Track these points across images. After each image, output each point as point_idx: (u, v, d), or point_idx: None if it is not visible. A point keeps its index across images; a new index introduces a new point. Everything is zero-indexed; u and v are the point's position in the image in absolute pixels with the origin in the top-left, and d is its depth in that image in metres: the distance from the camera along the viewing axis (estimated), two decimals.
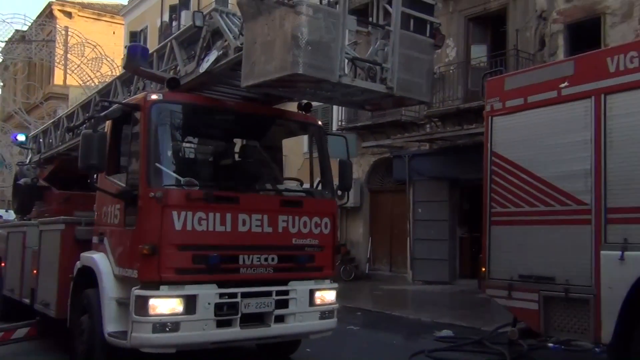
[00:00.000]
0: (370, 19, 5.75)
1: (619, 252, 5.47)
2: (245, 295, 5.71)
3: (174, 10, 26.47)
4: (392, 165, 17.46)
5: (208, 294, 5.51)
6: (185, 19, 22.81)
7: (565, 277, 5.99)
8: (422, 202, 16.59)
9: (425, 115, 15.96)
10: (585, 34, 12.97)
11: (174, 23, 25.76)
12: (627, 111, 5.58)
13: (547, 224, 6.26)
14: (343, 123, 18.39)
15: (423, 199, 16.58)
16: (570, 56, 12.86)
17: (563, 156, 6.15)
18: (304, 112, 6.99)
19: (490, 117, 7.02)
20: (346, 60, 5.34)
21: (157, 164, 5.60)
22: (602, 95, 5.82)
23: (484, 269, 6.95)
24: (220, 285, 5.62)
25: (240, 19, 5.70)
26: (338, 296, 6.63)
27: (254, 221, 5.88)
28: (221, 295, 5.58)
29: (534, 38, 14.07)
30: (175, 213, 5.44)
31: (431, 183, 16.25)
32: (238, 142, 7.31)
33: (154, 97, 5.87)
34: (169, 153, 6.00)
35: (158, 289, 5.35)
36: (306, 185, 7.14)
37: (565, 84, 6.17)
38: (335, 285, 6.64)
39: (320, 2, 5.44)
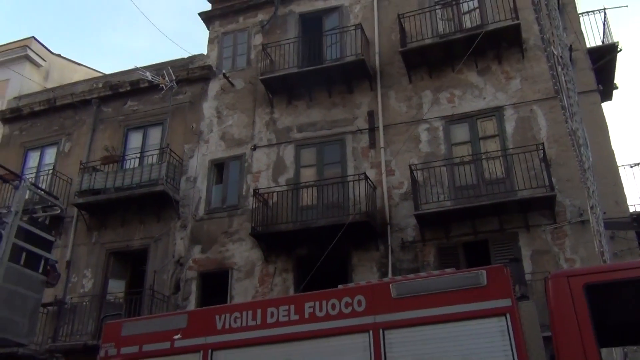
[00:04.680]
0: None
1: None
2: None
3: None
4: None
5: None
6: None
7: None
8: None
9: (47, 350, 14.36)
10: (216, 284, 14.13)
11: None
12: None
13: None
14: None
15: None
16: (201, 302, 13.74)
17: None
18: None
19: None
20: None
21: None
22: (209, 351, 6.12)
23: None
24: None
25: None
26: None
27: None
28: None
29: (170, 281, 14.66)
30: None
31: None
32: None
33: None
34: None
35: None
36: None
37: (178, 336, 6.35)
38: None
39: None
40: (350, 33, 15.11)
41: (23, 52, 19.68)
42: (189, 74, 16.78)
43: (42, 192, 5.68)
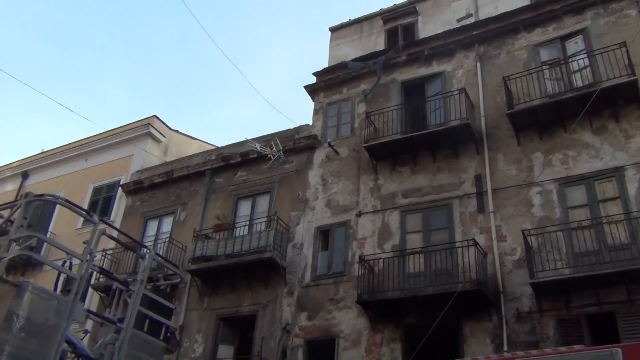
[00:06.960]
0: (108, 310, 5.55)
1: None
2: None
3: None
4: None
5: None
6: None
7: None
8: None
9: None
10: (322, 352, 13.95)
11: None
12: None
13: None
14: None
15: None
16: None
17: None
18: None
19: None
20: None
21: None
22: None
23: None
24: None
25: None
26: None
27: None
28: None
29: (277, 348, 14.69)
30: None
31: None
32: None
33: None
34: None
35: None
36: None
37: None
38: None
39: None
40: (454, 97, 15.05)
41: (146, 129, 21.47)
42: (295, 144, 17.39)
43: (166, 262, 6.03)
